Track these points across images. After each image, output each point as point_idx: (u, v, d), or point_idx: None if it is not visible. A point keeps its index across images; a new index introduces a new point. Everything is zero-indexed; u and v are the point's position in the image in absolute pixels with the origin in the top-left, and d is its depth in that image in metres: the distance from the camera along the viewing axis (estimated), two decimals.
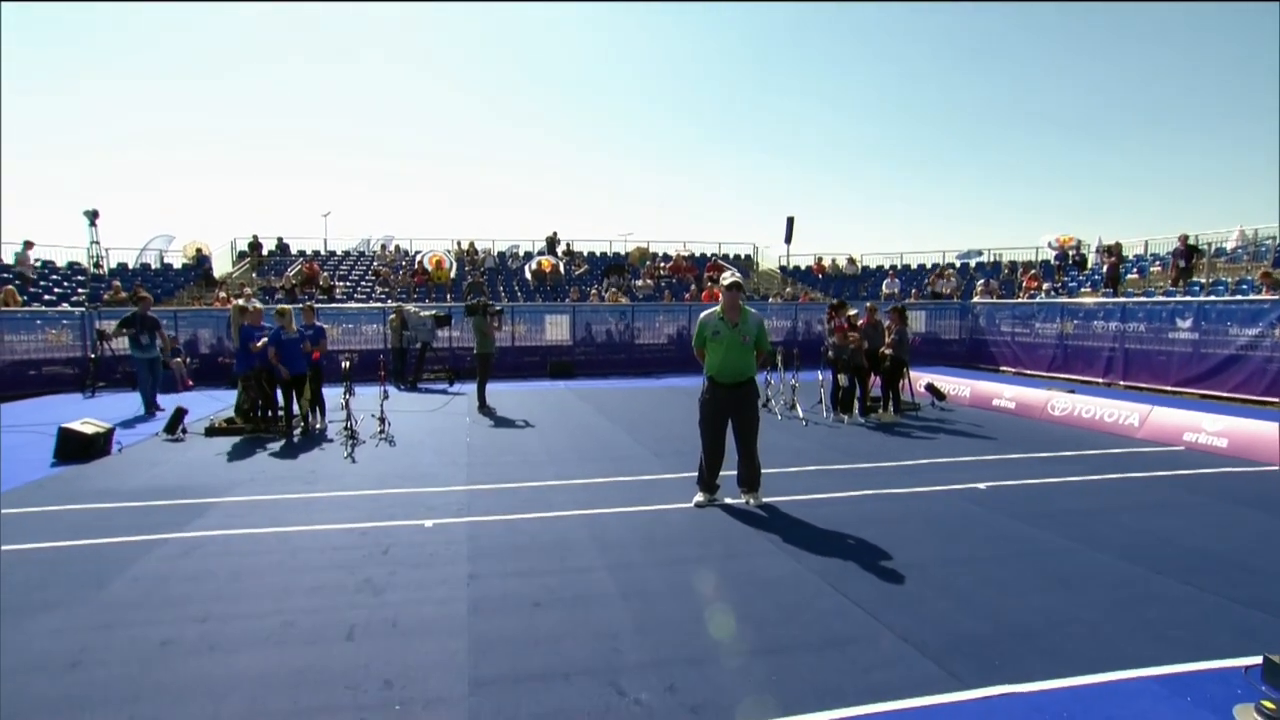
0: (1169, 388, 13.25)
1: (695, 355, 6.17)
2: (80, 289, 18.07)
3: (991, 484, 6.61)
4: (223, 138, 78.55)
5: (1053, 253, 22.94)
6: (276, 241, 24.99)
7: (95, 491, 6.42)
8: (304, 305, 10.45)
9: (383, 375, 9.74)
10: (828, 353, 10.69)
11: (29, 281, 17.70)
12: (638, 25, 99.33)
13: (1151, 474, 7.10)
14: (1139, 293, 17.42)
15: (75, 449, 7.67)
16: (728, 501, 5.99)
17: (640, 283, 23.38)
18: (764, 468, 6.11)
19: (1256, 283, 14.36)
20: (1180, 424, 8.77)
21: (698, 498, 5.99)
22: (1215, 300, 13.48)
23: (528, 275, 23.22)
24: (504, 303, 18.00)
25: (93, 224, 17.83)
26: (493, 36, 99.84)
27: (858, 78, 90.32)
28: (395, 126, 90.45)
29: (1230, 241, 18.86)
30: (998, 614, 3.80)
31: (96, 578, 4.36)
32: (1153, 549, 4.86)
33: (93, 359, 13.85)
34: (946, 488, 6.49)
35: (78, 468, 7.37)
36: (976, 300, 19.98)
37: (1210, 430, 8.33)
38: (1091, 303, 16.21)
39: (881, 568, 4.49)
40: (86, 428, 7.88)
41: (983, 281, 21.79)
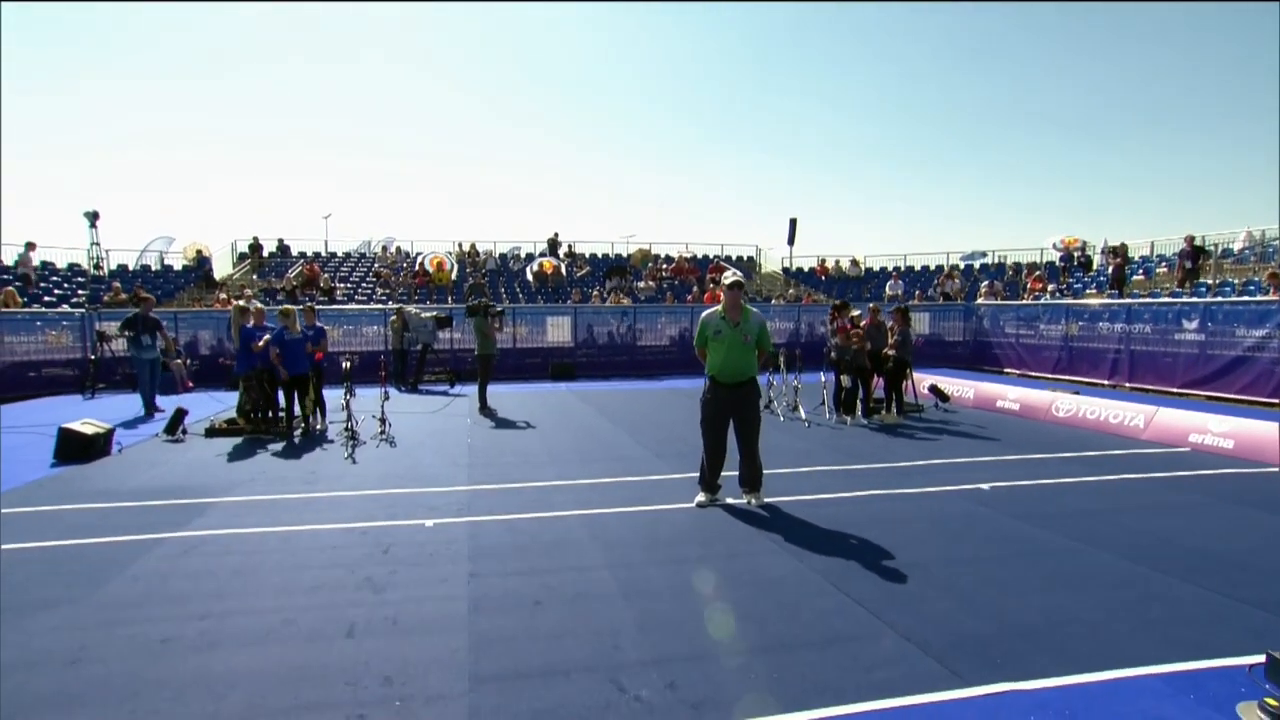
0: (1175, 389, 13.16)
1: (697, 355, 6.16)
2: (80, 290, 18.09)
3: (995, 484, 6.58)
4: (223, 138, 78.76)
5: (1058, 254, 22.92)
6: (277, 243, 24.96)
7: (95, 491, 6.42)
8: (305, 306, 10.46)
9: (383, 376, 9.74)
10: (830, 354, 10.68)
11: (31, 283, 17.71)
12: (638, 25, 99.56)
13: (1156, 475, 7.06)
14: (1145, 294, 17.34)
15: (75, 449, 7.67)
16: (729, 502, 5.97)
17: (642, 284, 23.38)
18: (766, 468, 6.09)
19: (1264, 284, 14.30)
20: (1186, 425, 8.73)
21: (699, 498, 5.97)
22: (1222, 301, 13.40)
23: (529, 277, 23.23)
24: (505, 304, 17.99)
25: (93, 225, 17.91)
26: (493, 37, 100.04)
27: (859, 78, 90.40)
28: (395, 127, 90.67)
29: (1237, 243, 18.83)
30: (1001, 613, 3.78)
31: (96, 576, 4.36)
32: (1157, 549, 4.83)
33: (93, 360, 13.86)
34: (950, 488, 6.46)
35: (78, 468, 7.37)
36: (981, 302, 19.88)
37: (1216, 431, 8.28)
38: (1097, 304, 16.13)
39: (884, 567, 4.47)
40: (86, 428, 7.89)
41: (987, 283, 21.71)
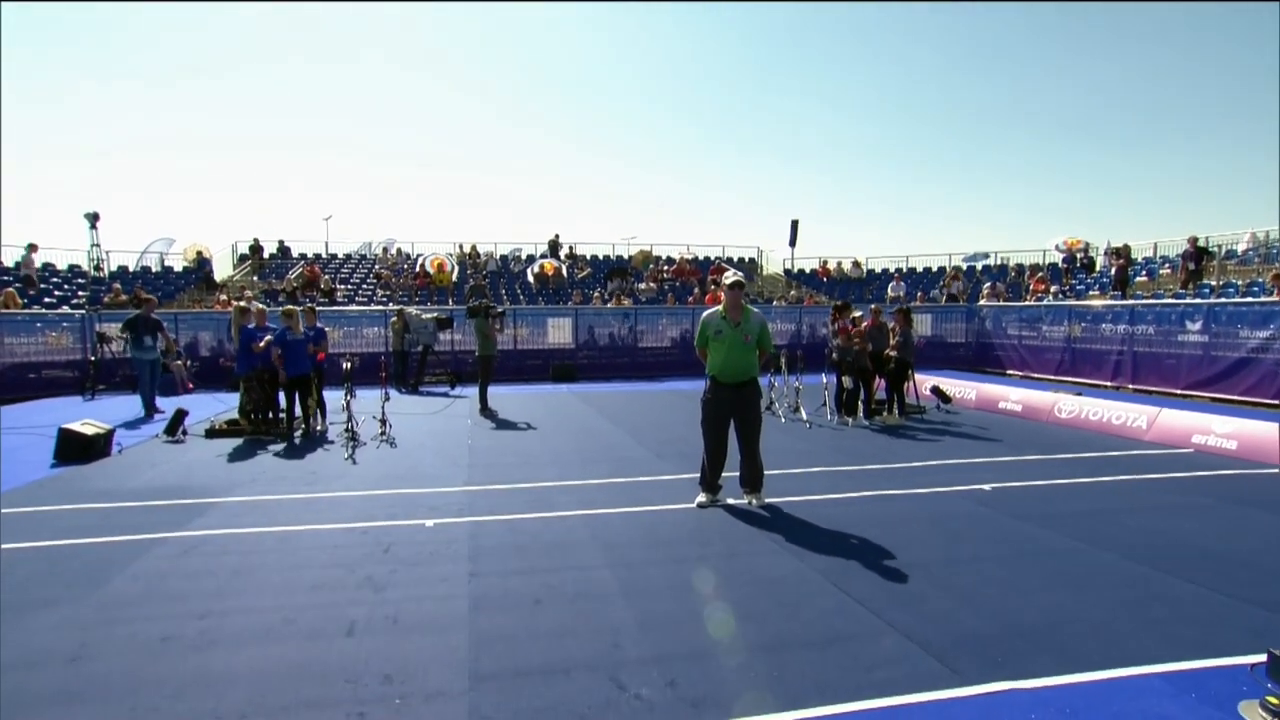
0: (1179, 391, 13.12)
1: (698, 355, 6.15)
2: (81, 292, 18.13)
3: (997, 485, 6.57)
4: (223, 139, 78.82)
5: (1060, 255, 22.86)
6: (278, 244, 24.99)
7: (95, 491, 6.42)
8: (305, 307, 10.47)
9: (384, 378, 9.75)
10: (832, 355, 10.67)
11: (33, 285, 17.74)
12: (638, 25, 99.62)
13: (1159, 476, 7.04)
14: (1148, 295, 17.28)
15: (75, 450, 7.67)
16: (730, 502, 5.96)
17: (643, 286, 23.38)
18: (767, 469, 6.08)
19: (1268, 285, 14.26)
20: (1189, 426, 8.71)
21: (700, 498, 5.96)
22: (1225, 302, 13.35)
23: (530, 278, 23.24)
24: (506, 306, 17.99)
25: (93, 227, 17.93)
26: (493, 37, 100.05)
27: (859, 78, 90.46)
28: (396, 127, 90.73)
29: (1242, 244, 18.77)
30: (1002, 612, 3.77)
31: (96, 575, 4.36)
32: (1159, 549, 4.81)
33: (93, 362, 13.87)
34: (951, 489, 6.44)
35: (78, 468, 7.37)
36: (983, 303, 19.84)
37: (1220, 432, 8.26)
38: (1100, 305, 16.09)
39: (885, 567, 4.45)
40: (87, 428, 7.89)
41: (989, 284, 21.64)
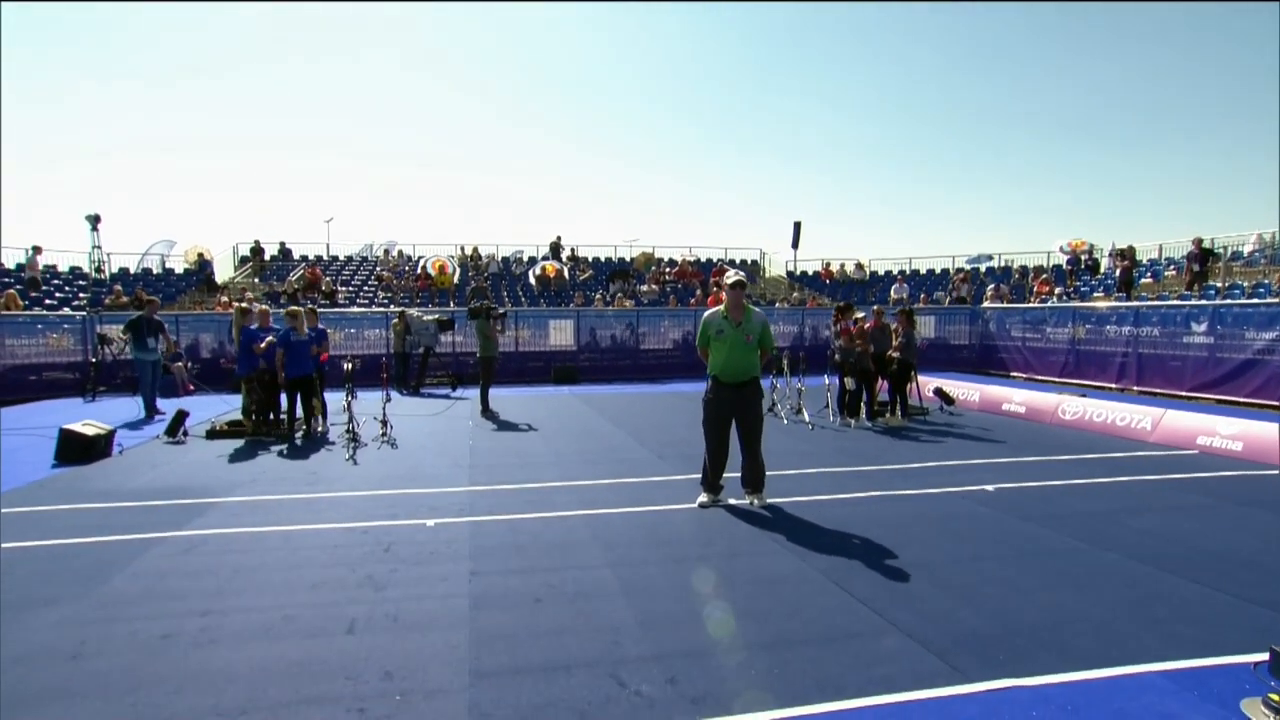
0: (1184, 393, 13.07)
1: (699, 355, 6.15)
2: (82, 294, 18.19)
3: (999, 486, 6.55)
4: (223, 139, 78.99)
5: (1064, 257, 22.78)
6: (279, 246, 25.03)
7: (96, 491, 6.43)
8: (306, 308, 10.49)
9: (385, 379, 9.76)
10: (834, 356, 10.65)
11: (37, 286, 17.79)
12: (638, 25, 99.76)
13: (1163, 477, 7.01)
14: (1153, 297, 17.22)
15: (76, 450, 7.68)
16: (732, 502, 5.95)
17: (645, 288, 23.38)
18: (769, 470, 6.07)
19: (1274, 286, 14.22)
20: (1194, 428, 8.67)
21: (701, 498, 5.95)
22: (1230, 304, 13.29)
23: (531, 280, 23.26)
24: (507, 307, 18.00)
25: (95, 229, 17.99)
26: (493, 37, 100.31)
27: (859, 78, 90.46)
28: (396, 128, 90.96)
29: (1248, 246, 18.71)
30: (1004, 611, 3.75)
31: (97, 574, 4.36)
32: (1162, 549, 4.80)
33: (94, 363, 13.91)
34: (954, 489, 6.43)
35: (78, 469, 7.38)
36: (987, 305, 19.77)
37: (1225, 434, 8.22)
38: (1104, 307, 16.03)
39: (886, 566, 4.44)
40: (87, 429, 7.90)
41: (993, 286, 21.52)
